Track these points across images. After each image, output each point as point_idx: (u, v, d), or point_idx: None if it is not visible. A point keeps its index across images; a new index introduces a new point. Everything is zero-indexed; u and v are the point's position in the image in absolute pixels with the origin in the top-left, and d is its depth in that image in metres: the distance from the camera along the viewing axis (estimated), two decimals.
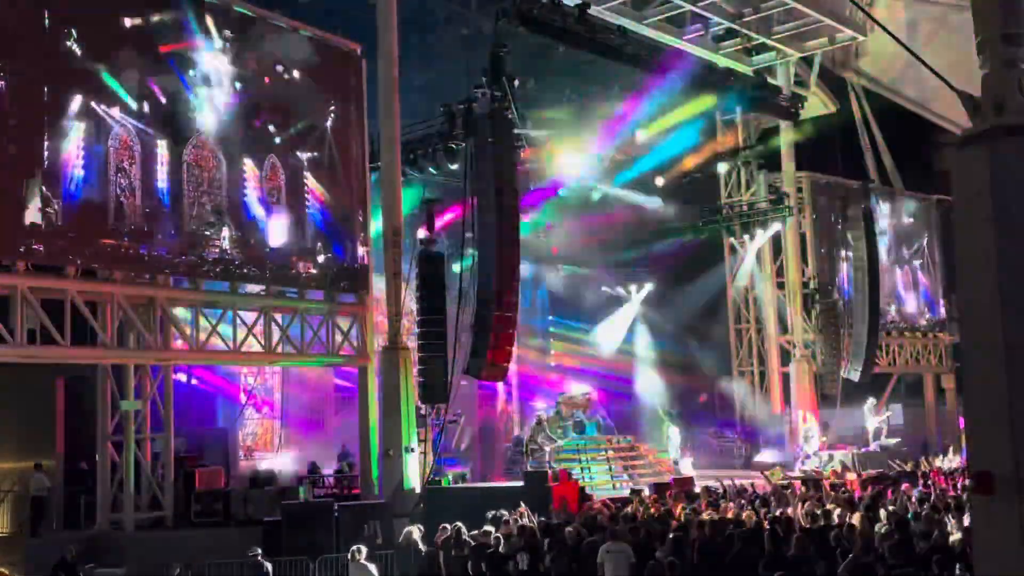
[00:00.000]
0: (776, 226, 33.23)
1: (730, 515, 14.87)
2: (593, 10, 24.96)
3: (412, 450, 21.00)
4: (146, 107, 18.53)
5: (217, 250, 19.54)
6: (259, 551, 14.82)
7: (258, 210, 20.44)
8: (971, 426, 5.40)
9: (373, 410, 21.65)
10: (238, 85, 20.26)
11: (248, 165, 20.37)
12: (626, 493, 21.22)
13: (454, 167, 23.21)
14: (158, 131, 18.74)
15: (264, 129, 20.86)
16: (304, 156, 21.51)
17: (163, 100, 18.87)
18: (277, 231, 20.76)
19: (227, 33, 20.06)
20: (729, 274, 34.72)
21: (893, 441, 30.35)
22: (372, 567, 13.70)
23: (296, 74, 21.43)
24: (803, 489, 19.09)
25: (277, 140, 21.05)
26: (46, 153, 16.95)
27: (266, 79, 20.97)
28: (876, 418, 30.62)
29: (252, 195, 20.34)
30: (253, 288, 20.78)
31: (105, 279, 18.04)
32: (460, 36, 26.78)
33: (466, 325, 20.47)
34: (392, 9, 21.95)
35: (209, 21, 19.71)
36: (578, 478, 22.51)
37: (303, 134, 21.56)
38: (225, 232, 19.69)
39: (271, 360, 21.92)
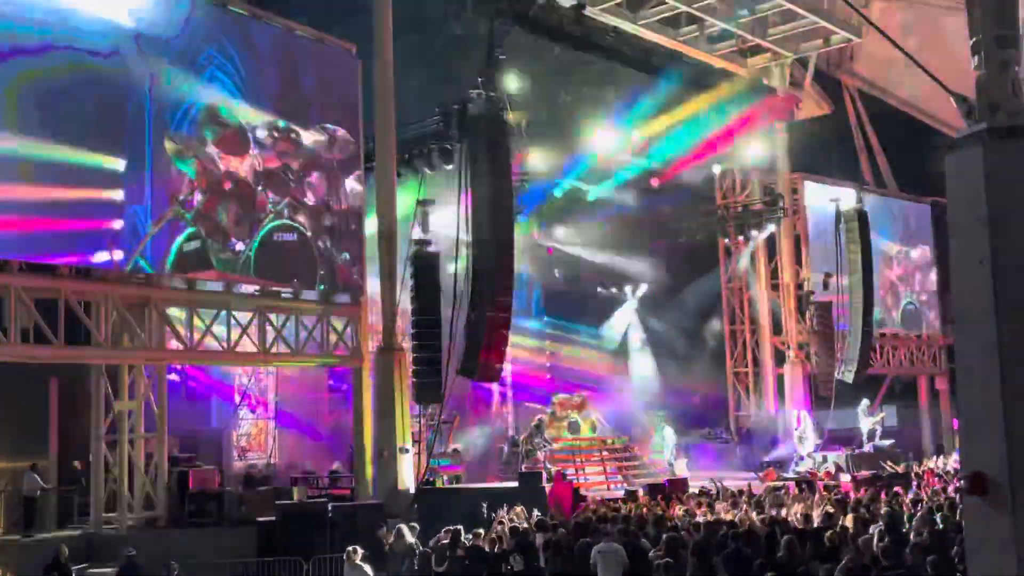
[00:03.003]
0: (771, 228, 33.27)
1: (724, 516, 14.88)
2: (589, 11, 24.97)
3: (406, 451, 20.99)
4: None
5: None
6: (133, 551, 14.81)
7: None
8: (965, 428, 5.41)
9: (367, 411, 21.63)
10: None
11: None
12: (621, 494, 21.23)
13: (449, 167, 23.18)
14: None
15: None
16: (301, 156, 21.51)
17: None
18: None
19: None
20: (724, 275, 34.74)
21: (887, 442, 30.39)
22: (368, 568, 13.67)
23: (293, 75, 21.41)
24: (797, 491, 19.11)
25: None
26: None
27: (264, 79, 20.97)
28: (870, 419, 30.64)
29: None
30: (247, 288, 20.74)
31: (99, 278, 17.98)
32: (455, 36, 26.72)
33: (460, 326, 20.45)
34: (388, 9, 21.93)
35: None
36: (573, 479, 22.51)
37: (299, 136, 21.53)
38: None
39: (265, 360, 21.87)
